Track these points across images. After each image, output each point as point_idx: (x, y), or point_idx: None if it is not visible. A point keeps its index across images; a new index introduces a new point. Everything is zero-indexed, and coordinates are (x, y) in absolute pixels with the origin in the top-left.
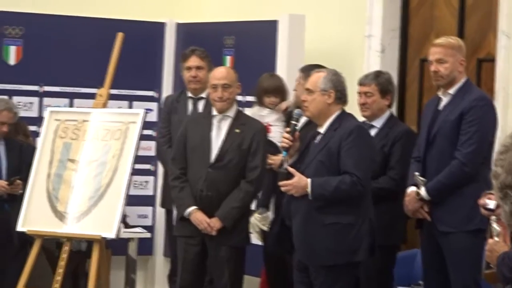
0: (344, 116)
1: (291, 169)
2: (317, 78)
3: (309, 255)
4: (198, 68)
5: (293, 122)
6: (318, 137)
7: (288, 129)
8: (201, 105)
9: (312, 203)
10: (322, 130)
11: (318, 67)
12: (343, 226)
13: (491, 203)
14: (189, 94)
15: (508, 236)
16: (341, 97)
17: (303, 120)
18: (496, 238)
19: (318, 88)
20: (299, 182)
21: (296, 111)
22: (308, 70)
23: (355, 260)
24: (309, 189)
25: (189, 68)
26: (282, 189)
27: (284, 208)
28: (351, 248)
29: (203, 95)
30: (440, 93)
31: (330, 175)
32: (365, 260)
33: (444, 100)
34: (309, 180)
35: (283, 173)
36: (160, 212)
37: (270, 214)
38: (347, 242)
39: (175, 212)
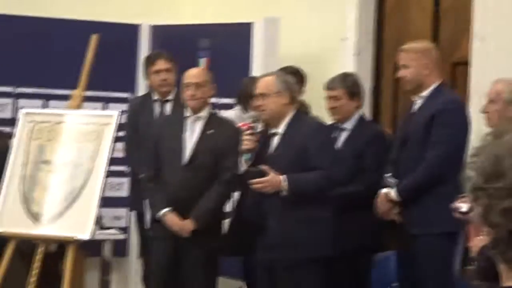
0: (301, 115)
1: (265, 167)
2: (269, 82)
3: (287, 252)
4: (167, 70)
5: (252, 124)
6: (276, 138)
7: (249, 131)
8: (168, 107)
9: (287, 199)
10: (279, 130)
11: (295, 69)
12: (318, 220)
13: (464, 206)
14: (155, 97)
15: (475, 236)
16: (294, 97)
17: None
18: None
19: (273, 91)
20: (274, 179)
21: (253, 113)
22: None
23: (329, 254)
24: (285, 185)
25: (158, 72)
26: (256, 187)
27: (252, 208)
28: (324, 243)
29: (170, 97)
30: (414, 97)
31: (299, 172)
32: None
33: (417, 103)
34: (282, 176)
35: (257, 172)
36: (135, 213)
37: None
38: (321, 237)
39: (147, 214)
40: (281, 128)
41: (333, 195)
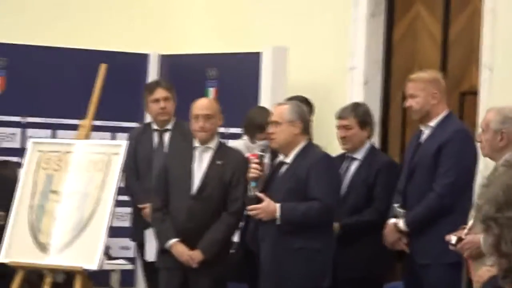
0: (311, 146)
1: (260, 194)
2: (283, 110)
3: (277, 280)
4: (166, 99)
5: (260, 153)
6: (284, 167)
7: (256, 160)
8: (166, 137)
9: (281, 227)
10: (288, 160)
11: (303, 98)
12: (311, 251)
13: (453, 239)
14: (154, 127)
15: (473, 265)
16: (306, 128)
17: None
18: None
19: (285, 120)
20: (268, 206)
21: (262, 142)
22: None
23: (322, 286)
24: (278, 214)
25: (156, 100)
26: (251, 213)
27: (250, 233)
28: (318, 274)
29: (169, 126)
30: (422, 126)
31: (298, 202)
32: None
33: (425, 133)
34: (278, 204)
35: (253, 199)
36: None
37: None
38: (315, 268)
39: (148, 245)
40: (290, 158)
41: (345, 223)
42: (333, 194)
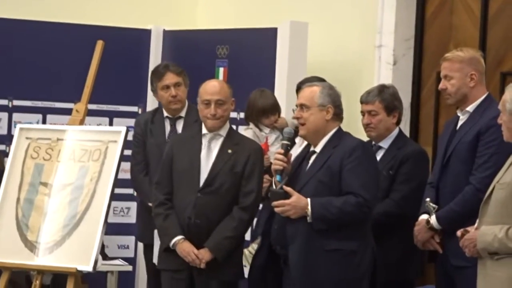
0: (343, 133)
1: (288, 188)
2: (313, 93)
3: (309, 286)
4: (177, 85)
5: (285, 142)
6: (313, 157)
7: (281, 150)
8: (180, 126)
9: (312, 226)
10: (317, 148)
11: (319, 80)
12: (346, 253)
13: (459, 233)
14: (166, 114)
15: None
16: (338, 114)
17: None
18: None
19: (316, 104)
20: (298, 201)
21: (286, 129)
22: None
23: None
24: (309, 210)
25: (167, 87)
26: (277, 210)
27: (275, 234)
28: (354, 278)
29: (182, 114)
30: (458, 111)
31: (331, 196)
32: None
33: (462, 118)
34: (309, 199)
35: (279, 193)
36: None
37: None
38: (350, 272)
39: (156, 246)
40: (319, 147)
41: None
42: (371, 188)
